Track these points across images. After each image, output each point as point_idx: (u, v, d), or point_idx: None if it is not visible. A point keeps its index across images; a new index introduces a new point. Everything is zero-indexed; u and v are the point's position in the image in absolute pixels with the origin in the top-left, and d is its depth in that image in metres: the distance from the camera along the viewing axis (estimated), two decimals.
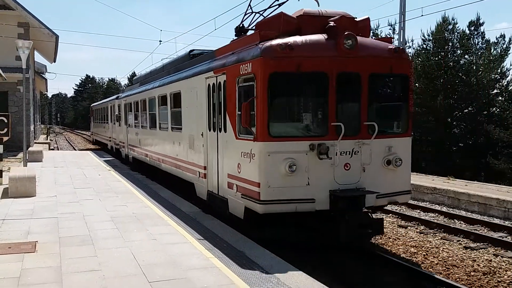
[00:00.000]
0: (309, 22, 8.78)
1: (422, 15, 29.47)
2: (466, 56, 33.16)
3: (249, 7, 10.77)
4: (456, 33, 33.32)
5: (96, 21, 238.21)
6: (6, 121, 13.82)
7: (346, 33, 8.32)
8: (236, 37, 10.70)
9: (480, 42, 33.30)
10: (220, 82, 9.92)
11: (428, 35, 34.46)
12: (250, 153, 8.45)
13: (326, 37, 8.51)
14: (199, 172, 11.28)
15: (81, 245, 7.45)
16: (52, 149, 34.03)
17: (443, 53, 32.99)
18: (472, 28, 33.08)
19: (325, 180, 8.26)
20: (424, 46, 34.94)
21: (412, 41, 39.32)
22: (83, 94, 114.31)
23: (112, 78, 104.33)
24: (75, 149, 38.35)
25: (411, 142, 9.56)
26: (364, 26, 9.25)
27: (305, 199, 8.18)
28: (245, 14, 10.97)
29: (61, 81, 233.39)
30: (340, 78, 8.37)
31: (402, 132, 9.36)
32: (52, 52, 31.01)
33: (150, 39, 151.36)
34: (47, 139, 41.64)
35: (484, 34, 33.09)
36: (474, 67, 32.66)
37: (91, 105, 47.74)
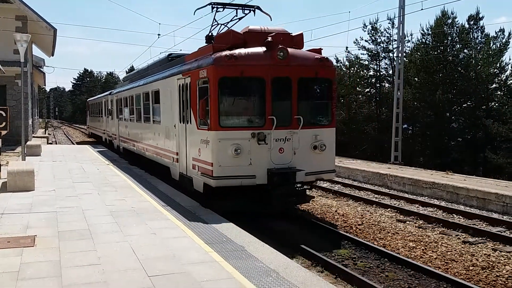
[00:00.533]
0: (253, 37, 11.11)
1: (422, 9, 29.39)
2: (465, 51, 33.18)
3: (214, 20, 13.04)
4: (455, 27, 33.32)
5: (94, 15, 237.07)
6: (4, 114, 13.77)
7: (279, 46, 10.63)
8: (206, 44, 12.65)
9: (479, 37, 33.33)
10: (187, 83, 12.04)
11: (427, 29, 34.48)
12: (206, 140, 10.74)
13: (264, 49, 10.77)
14: (173, 157, 13.47)
15: (80, 239, 7.43)
16: (51, 143, 33.97)
17: (442, 48, 32.99)
18: (472, 22, 33.06)
19: (263, 161, 10.52)
20: (423, 40, 34.96)
21: (411, 35, 39.44)
22: (81, 88, 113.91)
23: (110, 72, 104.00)
24: (73, 143, 38.29)
25: (335, 132, 11.84)
26: (298, 40, 11.68)
27: (248, 175, 10.42)
28: (212, 26, 13.20)
29: (59, 75, 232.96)
30: (275, 82, 10.67)
31: (327, 124, 11.65)
32: (50, 46, 30.87)
33: (149, 32, 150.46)
34: (45, 133, 41.55)
35: (484, 28, 33.12)
36: (473, 62, 32.68)
37: (88, 99, 50.40)
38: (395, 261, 8.79)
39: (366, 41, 38.89)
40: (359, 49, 39.71)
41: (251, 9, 13.15)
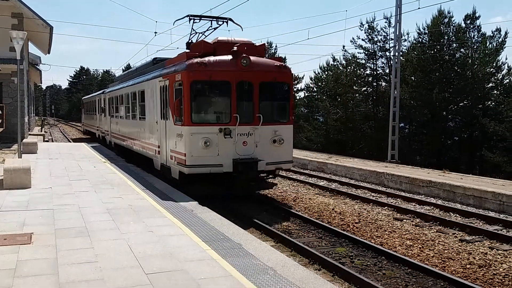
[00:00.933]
0: (221, 46, 12.86)
1: (419, 8, 29.40)
2: (461, 50, 33.22)
3: (192, 29, 14.97)
4: (452, 27, 33.35)
5: (90, 12, 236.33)
6: (0, 112, 13.72)
7: (243, 55, 12.42)
8: (187, 50, 14.19)
9: (476, 36, 33.35)
10: (166, 85, 13.80)
11: (424, 29, 34.48)
12: (181, 134, 12.51)
13: (231, 57, 12.51)
14: (155, 150, 15.25)
15: (77, 236, 7.40)
16: (47, 141, 33.85)
17: (438, 47, 33.02)
18: (468, 21, 33.10)
19: (229, 152, 12.29)
20: (420, 39, 34.96)
21: (408, 34, 39.36)
22: (77, 86, 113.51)
23: (106, 70, 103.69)
24: (69, 141, 38.18)
25: (292, 128, 13.67)
26: (261, 49, 13.69)
27: (216, 164, 12.21)
28: (191, 34, 15.08)
29: (56, 72, 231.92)
30: (239, 85, 12.47)
31: (285, 121, 13.48)
32: (47, 43, 30.72)
33: (146, 30, 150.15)
34: (41, 131, 41.41)
35: (480, 28, 33.15)
36: (470, 61, 32.73)
37: (82, 98, 52.27)
38: (393, 259, 8.80)
39: (363, 40, 38.89)
40: (356, 48, 39.72)
41: (224, 20, 15.09)
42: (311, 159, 22.68)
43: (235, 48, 12.66)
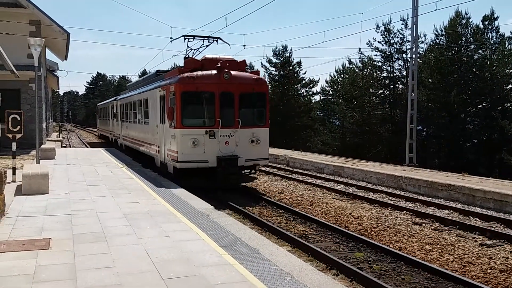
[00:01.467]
0: (208, 62, 15.40)
1: (436, 9, 29.17)
2: (480, 51, 32.75)
3: (188, 46, 18.23)
4: (469, 28, 32.91)
5: (106, 19, 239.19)
6: (19, 118, 13.89)
7: (225, 70, 14.90)
8: (195, 58, 16.49)
9: (494, 37, 32.87)
10: (163, 94, 16.29)
11: (441, 30, 34.11)
12: (174, 135, 15.05)
13: (215, 72, 14.94)
14: (156, 149, 17.82)
15: (94, 242, 7.44)
16: (64, 147, 34.24)
17: (456, 48, 32.63)
18: (486, 22, 32.65)
19: (214, 150, 14.70)
20: (437, 41, 34.60)
21: (425, 36, 39.08)
22: (94, 91, 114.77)
23: (123, 76, 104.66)
24: (87, 146, 38.56)
25: (268, 130, 16.06)
26: (242, 65, 16.12)
27: (203, 160, 14.67)
28: (187, 51, 18.24)
29: (73, 79, 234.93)
30: (222, 95, 14.91)
31: (262, 125, 15.87)
32: (64, 50, 31.12)
33: (161, 36, 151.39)
34: (59, 137, 41.88)
35: (499, 29, 32.66)
36: (488, 62, 32.26)
37: (97, 104, 55.29)
38: (412, 264, 8.67)
39: (379, 42, 38.62)
40: (372, 51, 39.43)
41: (214, 39, 17.74)
42: (327, 163, 22.55)
43: (219, 64, 15.12)
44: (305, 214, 12.83)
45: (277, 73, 54.22)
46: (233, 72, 15.11)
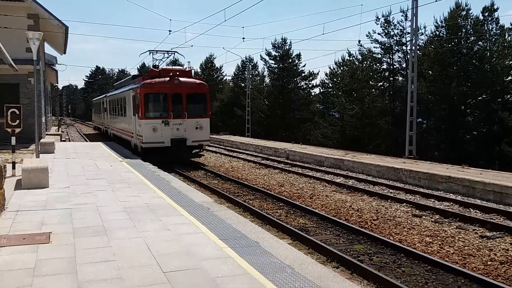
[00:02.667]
0: (164, 72, 21.78)
1: (436, 0, 28.86)
2: (480, 43, 32.70)
3: (153, 58, 36.34)
4: (469, 19, 32.83)
5: (104, 12, 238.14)
6: (18, 112, 13.85)
7: (175, 77, 20.92)
8: (154, 69, 23.02)
9: (494, 28, 32.79)
10: (134, 94, 22.54)
11: (441, 22, 34.03)
12: (140, 124, 20.95)
13: (168, 79, 20.98)
14: (131, 135, 24.02)
15: (95, 235, 7.43)
16: (64, 141, 34.20)
17: (456, 40, 32.55)
18: (486, 14, 32.59)
19: (168, 134, 20.64)
20: (437, 32, 34.53)
21: (424, 27, 38.93)
22: (93, 85, 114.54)
23: (122, 69, 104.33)
24: (86, 140, 38.52)
25: (209, 120, 22.13)
26: (189, 72, 23.01)
27: (160, 142, 20.62)
28: (153, 61, 30.81)
29: (72, 73, 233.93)
30: (174, 95, 20.85)
31: (204, 116, 21.89)
32: (62, 44, 31.01)
33: (160, 29, 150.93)
34: (58, 131, 41.83)
35: (499, 20, 32.66)
36: (488, 54, 32.19)
37: (92, 99, 62.86)
38: (412, 257, 8.68)
39: (379, 34, 38.59)
40: (371, 43, 39.43)
41: (173, 52, 25.23)
42: (327, 155, 22.55)
43: (171, 73, 21.55)
44: (305, 207, 12.84)
45: (276, 66, 54.14)
46: (181, 79, 21.36)
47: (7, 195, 9.93)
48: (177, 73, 21.70)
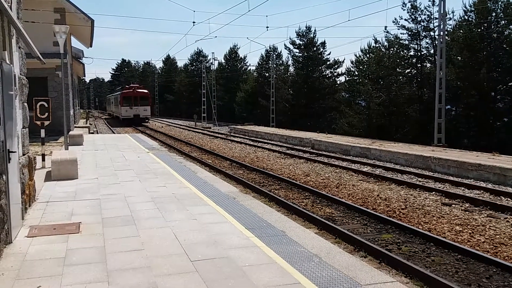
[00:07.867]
0: (131, 87, 59.58)
1: None
2: (510, 27, 31.70)
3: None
4: (500, 3, 31.88)
5: (129, 4, 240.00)
6: (46, 105, 14.10)
7: (135, 89, 57.26)
8: (127, 86, 64.89)
9: None
10: (118, 96, 61.42)
11: (470, 6, 33.16)
12: (121, 108, 56.42)
13: (132, 90, 56.78)
14: (119, 113, 59.05)
15: (123, 225, 7.52)
16: (92, 133, 34.75)
17: (486, 24, 31.68)
18: None
19: (132, 112, 54.59)
20: (466, 17, 33.65)
21: (453, 12, 38.09)
22: (119, 78, 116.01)
23: (147, 62, 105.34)
24: (114, 132, 39.09)
25: (150, 108, 56.69)
26: (142, 87, 62.35)
27: (129, 116, 54.71)
28: (128, 81, 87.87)
29: (98, 66, 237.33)
30: (134, 97, 55.31)
31: (148, 104, 56.42)
32: (88, 37, 31.42)
33: (184, 20, 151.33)
34: (86, 123, 42.59)
35: None
36: None
37: (107, 96, 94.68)
38: (441, 246, 8.52)
39: (405, 20, 37.87)
40: (398, 29, 38.84)
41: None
42: (353, 144, 22.33)
43: (133, 88, 56.60)
44: (331, 196, 12.74)
45: (300, 54, 53.74)
46: (138, 90, 55.50)
47: (37, 187, 10.14)
48: (137, 87, 56.89)
